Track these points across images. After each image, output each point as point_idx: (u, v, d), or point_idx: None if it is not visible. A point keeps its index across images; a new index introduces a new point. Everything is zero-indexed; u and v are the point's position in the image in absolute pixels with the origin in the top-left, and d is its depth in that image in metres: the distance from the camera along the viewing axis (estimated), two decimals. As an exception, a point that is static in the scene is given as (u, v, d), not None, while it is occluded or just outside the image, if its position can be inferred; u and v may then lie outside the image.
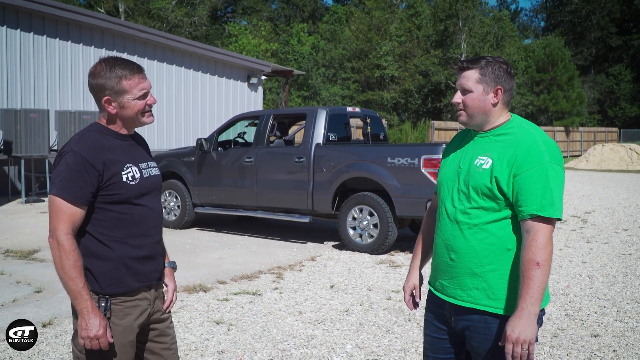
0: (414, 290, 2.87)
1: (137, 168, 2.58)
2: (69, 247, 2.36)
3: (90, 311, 2.38)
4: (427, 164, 8.16)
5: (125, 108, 2.51)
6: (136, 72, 2.51)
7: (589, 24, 61.22)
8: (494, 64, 2.49)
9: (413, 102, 47.15)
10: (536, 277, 2.28)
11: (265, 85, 37.02)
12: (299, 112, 11.23)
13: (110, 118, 2.55)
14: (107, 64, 2.48)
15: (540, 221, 2.32)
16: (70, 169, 2.40)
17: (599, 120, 58.88)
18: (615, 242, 9.77)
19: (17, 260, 7.89)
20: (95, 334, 2.37)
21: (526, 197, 2.34)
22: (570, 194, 16.88)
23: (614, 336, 5.25)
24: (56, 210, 2.39)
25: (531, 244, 2.31)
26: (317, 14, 58.39)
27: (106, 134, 2.54)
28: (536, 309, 2.28)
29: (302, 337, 5.18)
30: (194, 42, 19.41)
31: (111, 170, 2.46)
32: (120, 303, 2.51)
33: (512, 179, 2.37)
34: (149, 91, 2.56)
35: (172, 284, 2.85)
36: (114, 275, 2.48)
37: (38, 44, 14.48)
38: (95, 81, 2.49)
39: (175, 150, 11.51)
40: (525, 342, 2.26)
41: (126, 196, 2.50)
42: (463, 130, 2.71)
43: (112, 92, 2.47)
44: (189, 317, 5.67)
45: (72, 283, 2.36)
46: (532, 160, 2.35)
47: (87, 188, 2.41)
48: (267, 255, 8.61)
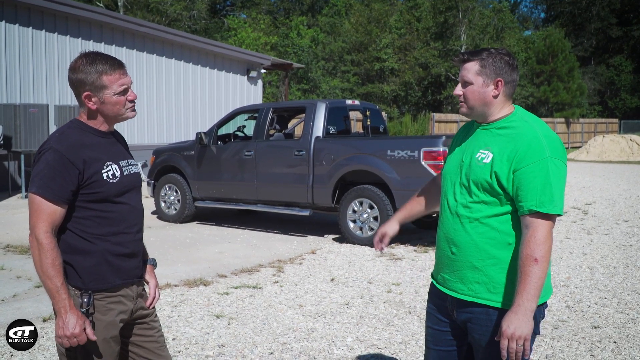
0: (383, 237, 2.98)
1: (118, 166, 2.55)
2: (47, 246, 2.34)
3: (67, 310, 2.36)
4: (427, 156, 8.15)
5: (106, 104, 2.48)
6: (117, 68, 2.48)
7: (589, 15, 61.06)
8: (495, 55, 2.46)
9: (413, 94, 47.13)
10: (534, 273, 2.26)
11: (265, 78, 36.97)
12: (299, 105, 11.21)
13: (91, 113, 2.52)
14: (87, 58, 2.45)
15: (540, 217, 2.30)
16: (50, 167, 2.37)
17: (600, 111, 58.80)
18: (615, 233, 9.76)
19: (17, 256, 7.89)
20: (72, 333, 2.36)
21: (526, 193, 2.32)
22: (571, 186, 16.86)
23: (615, 327, 5.24)
24: (36, 209, 2.37)
25: (530, 240, 2.29)
26: (317, 7, 58.24)
27: (86, 131, 2.52)
28: (533, 305, 2.27)
29: (302, 330, 5.18)
30: (193, 36, 19.37)
31: (91, 168, 2.44)
32: (102, 299, 2.50)
33: (513, 174, 2.35)
34: (129, 87, 2.53)
35: (153, 280, 2.83)
36: (96, 271, 2.47)
37: (37, 39, 14.45)
38: (75, 76, 2.46)
39: (175, 144, 11.50)
40: (521, 337, 2.26)
41: (107, 194, 2.48)
42: (468, 122, 2.70)
43: (92, 87, 2.44)
44: (189, 311, 5.67)
45: (50, 282, 2.35)
46: (532, 155, 2.32)
47: (67, 186, 2.38)
48: (268, 249, 8.61)
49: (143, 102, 16.50)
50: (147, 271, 2.81)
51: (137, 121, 16.47)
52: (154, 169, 11.00)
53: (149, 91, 17.14)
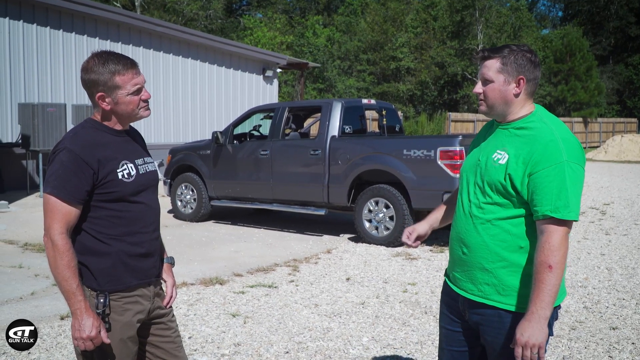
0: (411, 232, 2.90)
1: (133, 165, 2.53)
2: (62, 247, 2.32)
3: (83, 312, 2.34)
4: (443, 156, 8.12)
5: (120, 104, 2.45)
6: (129, 67, 2.44)
7: (608, 14, 60.47)
8: (517, 52, 2.41)
9: (429, 94, 46.93)
10: (548, 280, 2.23)
11: (281, 78, 37.00)
12: (315, 104, 11.21)
13: (105, 114, 2.50)
14: (99, 58, 2.42)
15: (555, 223, 2.25)
16: (65, 168, 2.35)
17: (618, 110, 58.19)
18: (634, 233, 9.67)
19: (35, 254, 7.96)
20: (87, 335, 2.34)
21: (541, 197, 2.27)
22: (589, 186, 16.73)
23: (633, 329, 5.19)
24: (50, 209, 2.35)
25: (544, 246, 2.25)
26: (332, 6, 58.17)
27: (101, 130, 2.49)
28: (547, 313, 2.24)
29: (318, 329, 5.18)
30: (209, 35, 19.41)
31: (106, 168, 2.42)
32: (119, 299, 2.48)
33: (528, 177, 2.30)
34: (143, 86, 2.50)
35: (171, 280, 2.81)
36: (111, 273, 2.45)
37: (54, 38, 14.55)
38: (87, 76, 2.43)
39: (191, 143, 11.55)
40: (535, 345, 2.23)
41: (122, 194, 2.46)
42: (489, 121, 2.65)
43: (105, 87, 2.41)
44: (205, 309, 5.68)
45: (66, 283, 2.33)
46: (548, 159, 2.27)
47: (82, 187, 2.36)
48: (283, 248, 8.62)
49: (159, 102, 16.56)
50: (165, 270, 2.79)
51: (154, 120, 16.53)
52: (170, 168, 11.05)
53: (165, 91, 17.20)
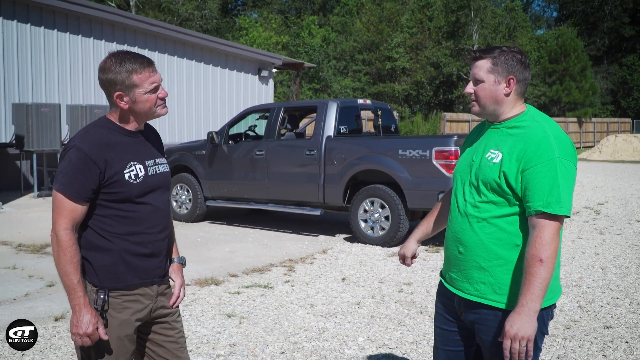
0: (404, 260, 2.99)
1: (142, 166, 2.54)
2: (66, 243, 2.36)
3: (82, 308, 2.37)
4: (438, 156, 8.13)
5: (137, 102, 2.47)
6: (146, 66, 2.47)
7: (602, 14, 60.66)
8: (507, 53, 2.45)
9: (424, 94, 47.01)
10: (538, 273, 2.25)
11: (276, 78, 36.99)
12: (310, 104, 11.21)
13: (123, 114, 2.52)
14: (116, 58, 2.45)
15: (546, 218, 2.28)
16: (73, 165, 2.39)
17: (612, 111, 58.42)
18: (628, 233, 9.70)
19: (29, 255, 7.93)
20: (85, 331, 2.36)
21: (533, 193, 2.30)
22: (583, 185, 16.77)
23: (627, 327, 5.21)
24: (57, 205, 2.39)
25: (536, 240, 2.27)
26: (328, 6, 58.20)
27: (113, 130, 2.51)
28: (537, 306, 2.25)
29: (313, 329, 5.18)
30: (204, 35, 19.38)
31: (113, 168, 2.44)
32: (118, 297, 2.50)
33: (521, 174, 2.33)
34: (160, 84, 2.52)
35: (180, 280, 2.80)
36: (112, 271, 2.47)
37: (48, 38, 14.51)
38: (105, 76, 2.45)
39: (187, 143, 11.53)
40: (524, 338, 2.24)
41: (128, 195, 2.47)
42: (481, 122, 2.69)
43: (122, 86, 2.44)
44: (200, 310, 5.68)
45: (67, 278, 2.37)
46: (541, 155, 2.30)
47: (88, 185, 2.39)
48: (279, 248, 8.62)
49: (155, 102, 16.49)
50: (175, 269, 2.79)
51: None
52: (165, 168, 11.01)
53: (161, 91, 17.14)
